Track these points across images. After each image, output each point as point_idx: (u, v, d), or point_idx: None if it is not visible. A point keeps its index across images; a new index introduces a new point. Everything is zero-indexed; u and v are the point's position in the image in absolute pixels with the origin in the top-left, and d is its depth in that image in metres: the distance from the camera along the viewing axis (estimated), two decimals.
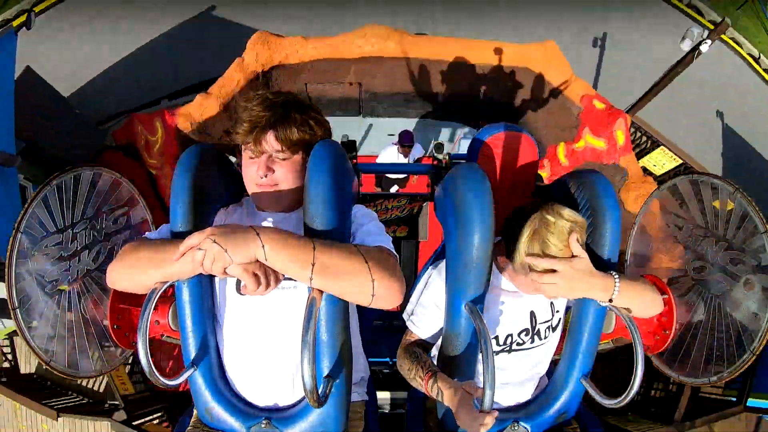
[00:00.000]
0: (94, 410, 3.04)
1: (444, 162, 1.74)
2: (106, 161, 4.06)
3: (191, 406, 1.12)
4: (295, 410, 1.00)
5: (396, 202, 1.91)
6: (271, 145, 0.97)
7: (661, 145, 4.08)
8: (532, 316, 1.12)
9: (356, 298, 0.87)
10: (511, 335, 1.11)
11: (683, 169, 4.02)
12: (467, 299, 1.01)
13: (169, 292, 1.09)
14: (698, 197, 1.47)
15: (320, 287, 0.85)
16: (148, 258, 0.89)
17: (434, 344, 1.18)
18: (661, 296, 1.15)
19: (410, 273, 2.01)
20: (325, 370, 0.93)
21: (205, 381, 1.00)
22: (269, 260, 0.81)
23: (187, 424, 1.12)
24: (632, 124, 3.96)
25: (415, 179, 5.00)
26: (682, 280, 1.49)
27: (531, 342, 1.13)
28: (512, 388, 1.16)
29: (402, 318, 1.21)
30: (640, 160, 4.06)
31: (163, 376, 0.91)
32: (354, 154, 1.75)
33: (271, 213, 1.05)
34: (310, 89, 4.55)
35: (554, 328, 1.15)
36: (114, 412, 2.77)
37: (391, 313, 1.68)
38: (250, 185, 1.02)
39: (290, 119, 0.98)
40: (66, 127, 3.98)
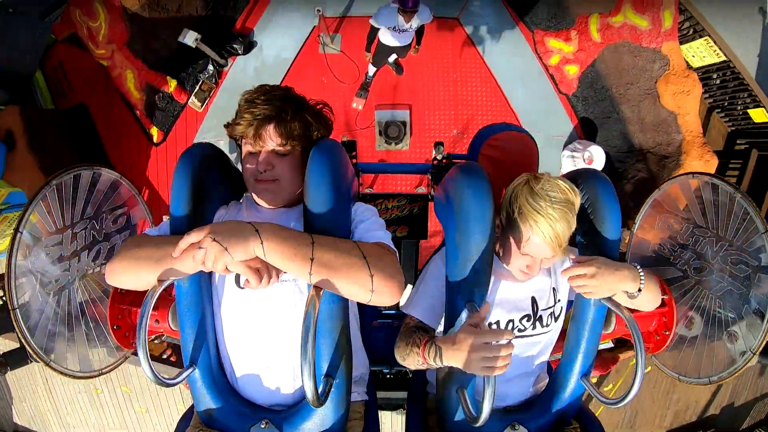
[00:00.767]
0: None
1: (444, 161, 1.74)
2: (55, 60, 3.48)
3: (191, 407, 1.12)
4: (295, 410, 1.00)
5: (396, 202, 1.91)
6: (272, 139, 0.97)
7: (706, 35, 3.46)
8: (533, 302, 1.12)
9: (355, 294, 0.87)
10: (512, 321, 1.11)
11: (726, 68, 3.35)
12: (468, 298, 1.01)
13: (171, 292, 1.09)
14: (698, 197, 1.47)
15: (319, 283, 0.85)
16: (148, 255, 0.89)
17: (433, 329, 1.16)
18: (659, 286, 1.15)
19: (410, 272, 2.01)
20: (325, 369, 0.93)
21: (205, 381, 1.00)
22: (268, 257, 0.81)
23: (187, 425, 1.12)
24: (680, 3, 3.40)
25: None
26: (683, 280, 1.49)
27: (533, 328, 1.13)
28: (512, 381, 1.15)
29: (402, 318, 1.21)
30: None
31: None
32: (354, 153, 1.75)
33: (271, 209, 1.05)
34: None
35: (557, 318, 1.15)
36: None
37: (391, 312, 1.68)
38: (249, 180, 1.02)
39: (291, 113, 0.98)
40: (6, 31, 3.15)
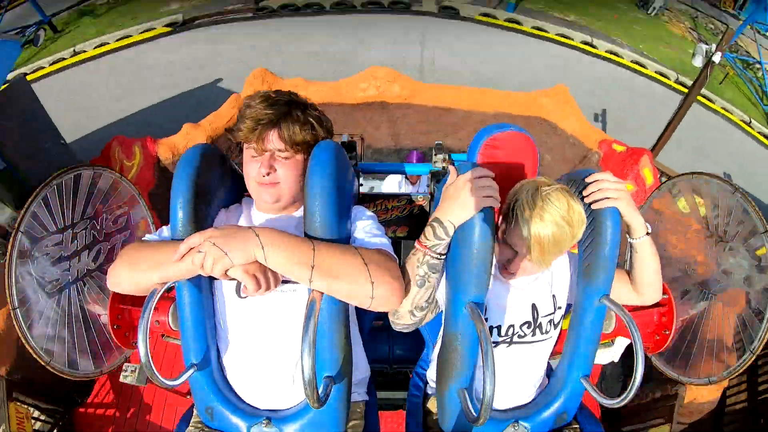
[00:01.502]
0: None
1: (444, 162, 1.74)
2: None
3: (191, 407, 1.12)
4: (295, 410, 1.00)
5: (396, 202, 1.91)
6: (274, 144, 0.97)
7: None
8: (534, 308, 1.12)
9: (355, 299, 0.87)
10: (512, 326, 1.11)
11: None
12: (468, 299, 1.01)
13: (171, 294, 1.09)
14: (698, 197, 1.47)
15: (320, 288, 0.85)
16: (149, 259, 0.89)
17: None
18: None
19: None
20: (325, 371, 0.93)
21: (205, 381, 1.00)
22: (269, 262, 0.81)
23: (188, 425, 1.12)
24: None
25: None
26: (682, 280, 1.49)
27: (532, 335, 1.13)
28: (512, 388, 1.15)
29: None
30: None
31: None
32: (354, 154, 1.75)
33: (272, 214, 1.05)
34: None
35: (556, 324, 1.15)
36: None
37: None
38: (251, 184, 1.02)
39: (293, 118, 0.98)
40: (44, 152, 3.42)
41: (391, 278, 0.87)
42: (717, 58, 3.59)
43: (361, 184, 1.78)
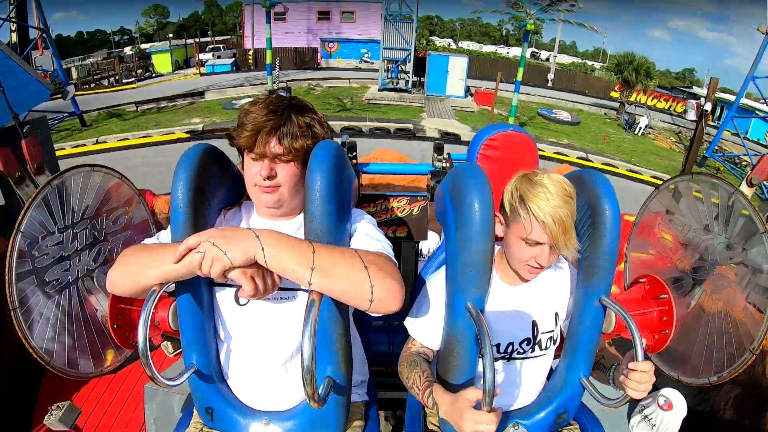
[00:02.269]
0: None
1: (444, 162, 1.74)
2: None
3: (191, 406, 1.12)
4: (295, 410, 1.00)
5: (396, 202, 1.91)
6: (274, 148, 0.97)
7: None
8: (534, 325, 1.12)
9: (355, 302, 0.87)
10: (512, 344, 1.11)
11: None
12: (468, 299, 1.01)
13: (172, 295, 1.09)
14: (698, 197, 1.47)
15: (319, 290, 0.85)
16: (147, 261, 0.89)
17: (434, 352, 1.17)
18: None
19: (410, 273, 2.01)
20: (325, 371, 0.93)
21: (206, 381, 1.00)
22: (269, 263, 0.81)
23: (187, 425, 1.12)
24: None
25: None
26: (682, 280, 1.49)
27: (531, 351, 1.13)
28: (512, 393, 1.15)
29: (401, 318, 1.21)
30: None
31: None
32: (354, 154, 1.75)
33: (272, 220, 1.05)
34: None
35: (555, 341, 1.16)
36: None
37: (391, 314, 1.67)
38: (251, 187, 1.02)
39: (293, 124, 0.97)
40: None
41: (391, 281, 0.87)
42: (708, 106, 3.66)
43: (362, 185, 1.78)
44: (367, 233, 1.00)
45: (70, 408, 1.91)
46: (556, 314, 1.15)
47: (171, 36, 33.08)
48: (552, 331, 1.14)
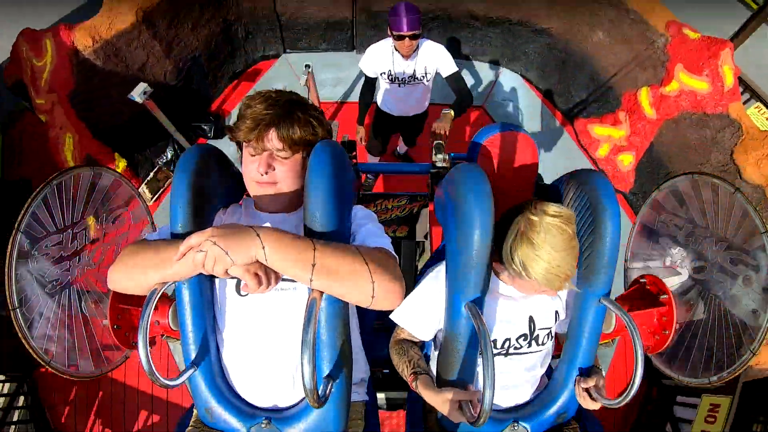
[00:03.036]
0: None
1: (444, 162, 1.74)
2: (20, 128, 2.99)
3: (191, 407, 1.12)
4: (295, 410, 1.00)
5: (396, 202, 1.91)
6: (273, 143, 0.97)
7: (757, 101, 3.02)
8: (531, 321, 1.12)
9: (356, 299, 0.87)
10: (509, 339, 1.11)
11: None
12: (467, 299, 1.01)
13: (172, 294, 1.09)
14: (698, 197, 1.47)
15: (320, 288, 0.85)
16: (148, 259, 0.89)
17: (422, 341, 1.20)
18: None
19: (410, 273, 2.01)
20: (326, 370, 0.93)
21: (205, 381, 1.00)
22: (270, 261, 0.81)
23: (187, 425, 1.12)
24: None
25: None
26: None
27: (528, 347, 1.13)
28: (510, 390, 1.16)
29: None
30: None
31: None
32: (354, 153, 1.75)
33: (271, 213, 1.05)
34: (281, 8, 3.23)
35: (552, 337, 1.16)
36: None
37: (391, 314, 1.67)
38: (249, 183, 1.02)
39: (292, 118, 0.98)
40: None
41: (391, 277, 0.87)
42: None
43: (362, 185, 1.78)
44: (368, 229, 1.01)
45: None
46: (556, 312, 1.15)
47: None
48: (549, 327, 1.14)
